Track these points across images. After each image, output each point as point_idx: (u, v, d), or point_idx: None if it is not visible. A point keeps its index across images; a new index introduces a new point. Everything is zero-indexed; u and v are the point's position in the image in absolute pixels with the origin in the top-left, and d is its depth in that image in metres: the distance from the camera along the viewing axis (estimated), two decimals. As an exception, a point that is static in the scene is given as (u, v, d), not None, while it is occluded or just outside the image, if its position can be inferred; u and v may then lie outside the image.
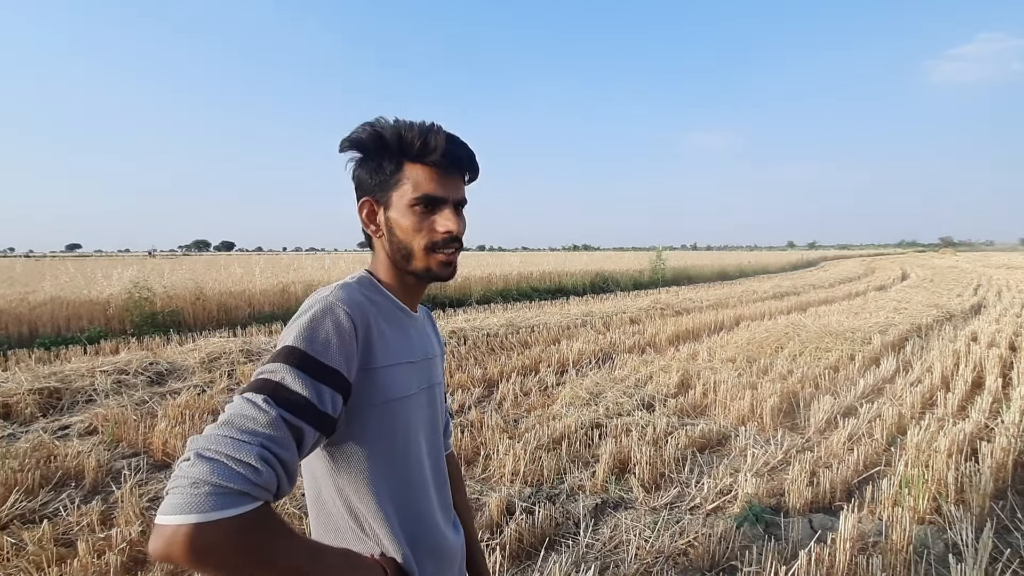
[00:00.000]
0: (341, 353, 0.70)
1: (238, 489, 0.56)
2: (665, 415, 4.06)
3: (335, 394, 0.69)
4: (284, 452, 0.62)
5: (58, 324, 8.01)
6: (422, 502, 0.85)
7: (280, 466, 0.61)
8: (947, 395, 4.37)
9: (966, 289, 14.08)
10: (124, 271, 9.51)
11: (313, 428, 0.66)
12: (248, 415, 0.62)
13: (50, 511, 2.76)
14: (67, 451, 3.37)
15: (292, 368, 0.66)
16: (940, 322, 8.37)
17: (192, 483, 0.55)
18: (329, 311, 0.72)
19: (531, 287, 14.57)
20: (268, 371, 0.67)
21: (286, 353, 0.68)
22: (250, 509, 0.57)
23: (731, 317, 8.93)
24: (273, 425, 0.61)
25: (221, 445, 0.58)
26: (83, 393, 4.60)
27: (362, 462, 0.76)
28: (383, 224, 0.83)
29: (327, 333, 0.70)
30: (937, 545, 2.45)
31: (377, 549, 0.78)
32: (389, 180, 0.81)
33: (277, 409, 0.63)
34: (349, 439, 0.75)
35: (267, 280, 11.13)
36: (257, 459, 0.58)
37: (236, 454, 0.58)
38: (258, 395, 0.63)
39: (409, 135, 0.79)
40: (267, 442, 0.60)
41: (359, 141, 0.81)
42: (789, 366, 5.48)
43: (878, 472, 3.17)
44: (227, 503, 0.55)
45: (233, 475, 0.57)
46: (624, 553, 2.42)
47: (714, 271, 22.48)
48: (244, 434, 0.60)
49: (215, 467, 0.56)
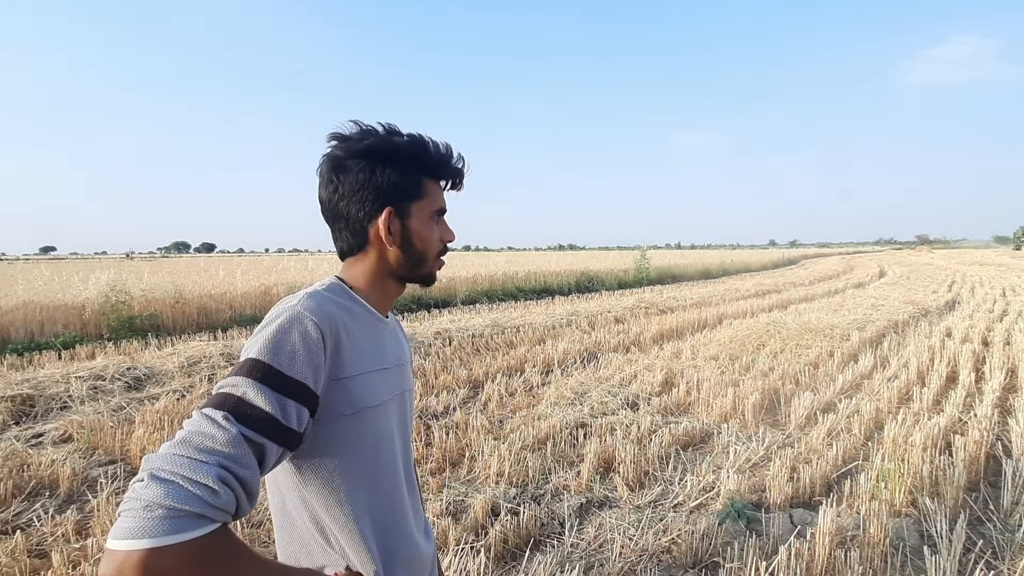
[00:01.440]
0: (308, 365, 0.68)
1: (194, 512, 0.54)
2: (649, 414, 4.09)
3: (300, 408, 0.66)
4: (244, 471, 0.59)
5: (31, 329, 7.79)
6: (396, 511, 0.83)
7: (240, 486, 0.59)
8: (922, 390, 4.47)
9: (941, 286, 14.44)
10: (101, 274, 9.30)
11: (276, 444, 0.64)
12: (206, 433, 0.59)
13: (23, 521, 2.69)
14: (41, 460, 3.28)
15: (255, 382, 0.64)
16: (916, 318, 8.57)
17: (145, 506, 0.53)
18: (296, 321, 0.70)
19: (516, 287, 14.58)
20: (229, 385, 0.64)
21: (249, 366, 0.65)
22: (207, 532, 0.55)
23: (714, 315, 9.03)
24: (233, 443, 0.59)
25: (177, 465, 0.56)
26: (58, 400, 4.49)
27: (332, 474, 0.74)
28: (397, 233, 0.83)
29: (293, 345, 0.68)
30: (913, 537, 2.50)
31: (343, 562, 0.76)
32: (411, 191, 0.82)
33: (237, 426, 0.61)
34: (318, 451, 0.73)
35: (249, 282, 10.97)
36: (215, 480, 0.56)
37: (192, 475, 0.55)
38: (218, 411, 0.61)
39: (436, 154, 0.84)
40: (226, 461, 0.58)
41: (378, 149, 0.80)
42: (770, 363, 5.57)
43: (856, 466, 3.23)
44: (182, 526, 0.53)
45: (189, 497, 0.54)
46: (608, 552, 2.43)
47: (698, 270, 22.72)
48: (202, 453, 0.57)
49: (170, 489, 0.54)
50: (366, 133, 0.81)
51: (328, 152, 0.82)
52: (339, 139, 0.81)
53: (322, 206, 0.84)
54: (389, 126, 0.82)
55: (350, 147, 0.80)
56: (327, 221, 0.86)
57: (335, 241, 0.86)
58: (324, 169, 0.82)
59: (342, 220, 0.83)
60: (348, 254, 0.86)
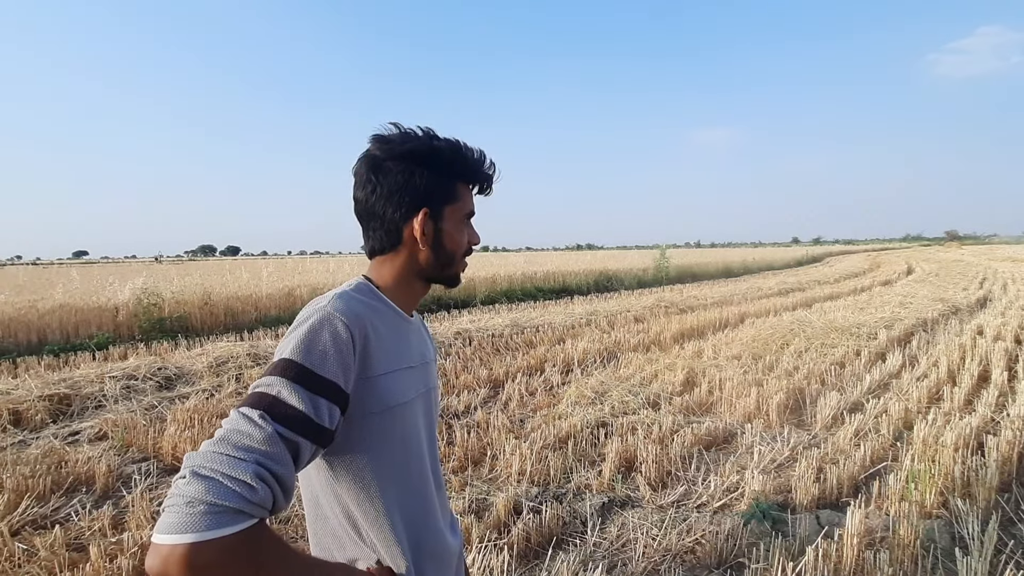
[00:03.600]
0: (338, 365, 0.70)
1: (234, 507, 0.56)
2: (671, 413, 4.07)
3: (332, 406, 0.69)
4: (280, 468, 0.61)
5: (67, 331, 8.07)
6: (425, 506, 0.85)
7: (276, 482, 0.61)
8: (953, 389, 4.36)
9: (972, 283, 14.01)
10: (134, 278, 9.56)
11: (310, 442, 0.66)
12: (244, 431, 0.62)
13: (61, 516, 2.79)
14: (78, 457, 3.40)
15: (288, 382, 0.66)
16: (946, 316, 8.34)
17: (188, 502, 0.55)
18: (327, 322, 0.72)
19: (535, 287, 14.58)
20: (264, 384, 0.67)
21: (283, 366, 0.68)
22: (246, 527, 0.57)
23: (736, 314, 8.92)
24: (269, 441, 0.61)
25: (216, 463, 0.58)
26: (93, 399, 4.65)
27: (363, 470, 0.77)
28: (430, 234, 0.84)
29: (324, 345, 0.70)
30: (944, 539, 2.45)
31: (374, 556, 0.78)
32: (446, 194, 0.85)
33: (273, 425, 0.63)
34: (349, 448, 0.75)
35: (273, 284, 11.17)
36: (253, 476, 0.58)
37: (232, 472, 0.58)
38: (254, 410, 0.63)
39: (471, 160, 0.86)
40: (263, 459, 0.60)
41: (418, 152, 0.82)
42: (795, 362, 5.48)
43: (885, 467, 3.17)
44: (223, 522, 0.55)
45: (228, 493, 0.56)
46: (631, 551, 2.43)
47: (718, 268, 22.42)
48: (240, 451, 0.60)
49: (210, 485, 0.56)
50: (407, 136, 0.82)
51: (367, 153, 0.83)
52: (380, 141, 0.82)
53: (356, 205, 0.85)
54: (427, 130, 0.84)
55: (392, 149, 0.81)
56: (360, 220, 0.86)
57: (366, 240, 0.87)
58: (362, 169, 0.83)
59: (377, 220, 0.84)
60: (378, 253, 0.87)
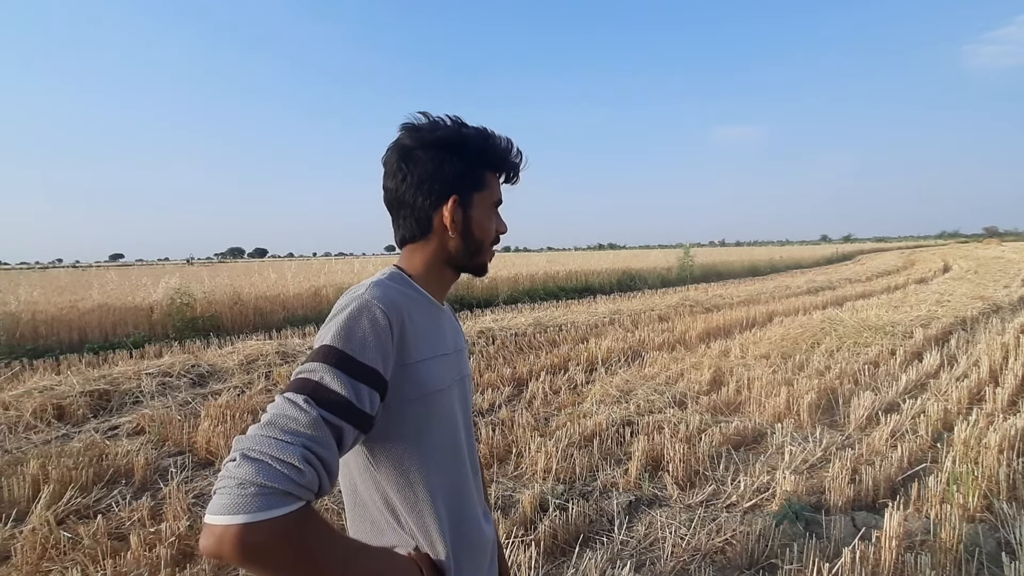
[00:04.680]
0: (377, 351, 0.71)
1: (283, 490, 0.57)
2: (698, 412, 4.00)
3: (372, 392, 0.69)
4: (325, 452, 0.62)
5: (105, 330, 8.36)
6: (463, 494, 0.85)
7: (321, 466, 0.62)
8: (996, 389, 4.18)
9: (1013, 280, 13.44)
10: (168, 279, 9.86)
11: (352, 427, 0.67)
12: (290, 416, 0.62)
13: (103, 507, 2.90)
14: (117, 450, 3.53)
15: (330, 367, 0.67)
16: (986, 314, 8.02)
17: (239, 484, 0.56)
18: (365, 309, 0.72)
19: (558, 286, 14.53)
20: (307, 371, 0.68)
21: (324, 352, 0.69)
22: (294, 509, 0.58)
23: (763, 313, 8.73)
24: (314, 425, 0.62)
25: (265, 446, 0.59)
26: (130, 395, 4.81)
27: (401, 457, 0.77)
28: (459, 221, 0.85)
29: (363, 331, 0.71)
30: (989, 543, 2.36)
31: (412, 542, 0.79)
32: (474, 182, 0.85)
33: (318, 409, 0.64)
34: (387, 435, 0.76)
35: (299, 284, 11.39)
36: (300, 460, 0.59)
37: (280, 455, 0.59)
38: (299, 395, 0.64)
39: (499, 148, 0.87)
40: (309, 442, 0.61)
41: (448, 141, 0.82)
42: (826, 362, 5.34)
43: (924, 469, 3.06)
44: (272, 504, 0.56)
45: (278, 476, 0.57)
46: (660, 550, 2.40)
47: (744, 267, 22.01)
48: (287, 435, 0.61)
49: (260, 468, 0.57)
50: (436, 125, 0.83)
51: (397, 142, 0.83)
52: (410, 129, 0.83)
53: (387, 194, 0.86)
54: (456, 118, 0.84)
55: (422, 137, 0.82)
56: (390, 209, 0.87)
57: (396, 229, 0.87)
58: (392, 158, 0.84)
59: (407, 208, 0.84)
60: (409, 241, 0.87)
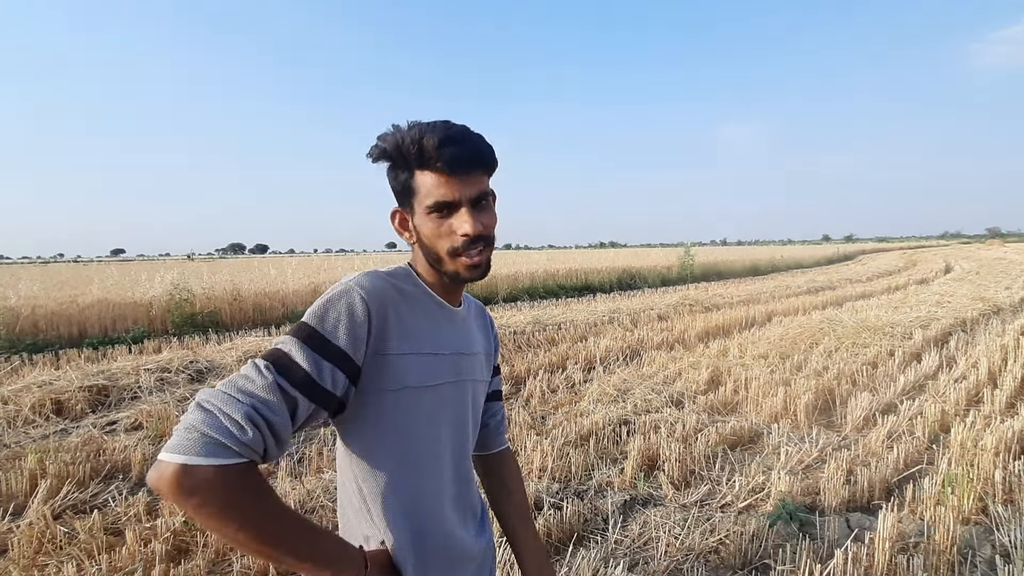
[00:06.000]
0: (348, 335, 0.73)
1: (221, 441, 0.60)
2: (695, 412, 4.00)
3: (337, 372, 0.72)
4: (274, 416, 0.65)
5: (105, 325, 8.36)
6: (430, 496, 0.83)
7: (268, 428, 0.64)
8: (994, 392, 4.18)
9: (1015, 281, 13.41)
10: (166, 274, 9.86)
11: (307, 399, 0.69)
12: (249, 376, 0.67)
13: (100, 502, 2.90)
14: (115, 445, 3.54)
15: (298, 341, 0.71)
16: (986, 316, 8.00)
17: (186, 427, 0.60)
18: (346, 294, 0.76)
19: (557, 284, 14.52)
20: (280, 342, 0.72)
21: (296, 328, 0.73)
22: (232, 463, 0.60)
23: (763, 313, 8.73)
24: (268, 389, 0.66)
25: (217, 399, 0.63)
26: (129, 390, 4.81)
27: (371, 445, 0.79)
28: (414, 231, 0.85)
29: (338, 314, 0.74)
30: (984, 547, 2.35)
31: (379, 536, 0.80)
32: (406, 189, 0.82)
33: (275, 376, 0.67)
34: (362, 421, 0.78)
35: (299, 281, 11.38)
36: (244, 417, 0.62)
37: (226, 408, 0.62)
38: (263, 361, 0.69)
39: (405, 144, 0.78)
40: (258, 404, 0.64)
41: (382, 154, 0.82)
42: (824, 362, 5.34)
43: (919, 471, 3.06)
44: (212, 452, 0.59)
45: (219, 427, 0.61)
46: (654, 550, 2.41)
47: (745, 266, 21.97)
48: (240, 393, 0.64)
49: (206, 417, 0.61)
50: (379, 137, 0.82)
51: None
52: None
53: None
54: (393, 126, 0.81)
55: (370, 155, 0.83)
56: None
57: None
58: None
59: None
60: None
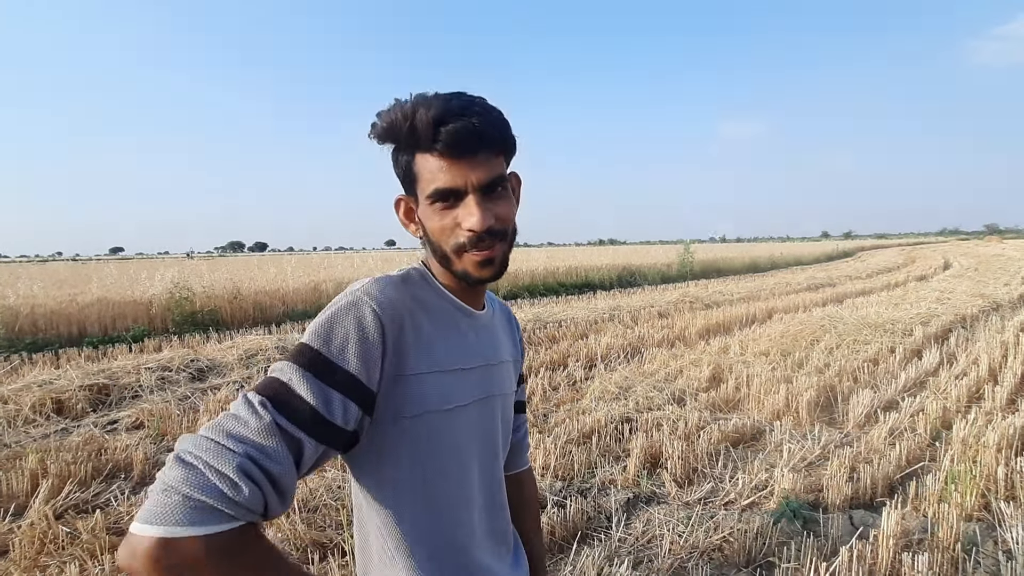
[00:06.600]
0: (360, 357, 0.60)
1: (209, 504, 0.48)
2: (696, 409, 4.00)
3: (348, 402, 0.59)
4: (273, 465, 0.52)
5: (105, 324, 8.34)
6: (458, 529, 0.72)
7: (267, 481, 0.52)
8: (995, 388, 4.18)
9: (1014, 278, 13.43)
10: (165, 272, 9.84)
11: (314, 440, 0.56)
12: (240, 418, 0.54)
13: (102, 501, 2.89)
14: (116, 444, 3.52)
15: (299, 368, 0.58)
16: (986, 312, 8.01)
17: (163, 489, 0.48)
18: (354, 307, 0.62)
19: (557, 282, 14.51)
20: (276, 370, 0.59)
21: (297, 351, 0.60)
22: (226, 529, 0.49)
23: (763, 310, 8.73)
24: (264, 433, 0.53)
25: (202, 449, 0.51)
26: (130, 389, 4.81)
27: (389, 483, 0.67)
28: (419, 225, 0.72)
29: (346, 332, 0.61)
30: (987, 543, 2.36)
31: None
32: (408, 174, 0.69)
33: (273, 414, 0.55)
34: (376, 454, 0.66)
35: (299, 279, 11.37)
36: (236, 471, 0.50)
37: (214, 462, 0.50)
38: (257, 396, 0.56)
39: (397, 122, 0.64)
40: (253, 452, 0.52)
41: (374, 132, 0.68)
42: (826, 359, 5.34)
43: (922, 468, 3.06)
44: (199, 519, 0.47)
45: (207, 487, 0.48)
46: (657, 548, 2.41)
47: (744, 263, 21.98)
48: (230, 439, 0.52)
49: (189, 474, 0.49)
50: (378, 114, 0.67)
51: None
52: None
53: None
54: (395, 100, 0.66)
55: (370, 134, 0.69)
56: None
57: None
58: None
59: None
60: None
